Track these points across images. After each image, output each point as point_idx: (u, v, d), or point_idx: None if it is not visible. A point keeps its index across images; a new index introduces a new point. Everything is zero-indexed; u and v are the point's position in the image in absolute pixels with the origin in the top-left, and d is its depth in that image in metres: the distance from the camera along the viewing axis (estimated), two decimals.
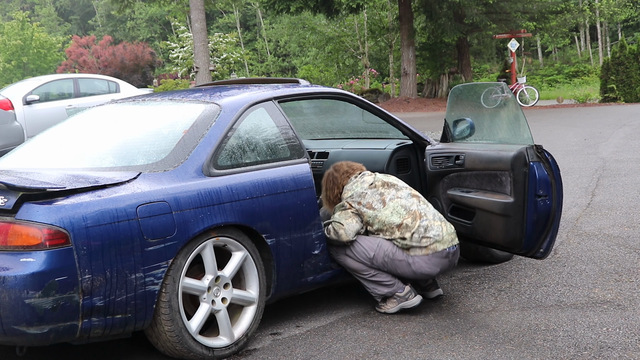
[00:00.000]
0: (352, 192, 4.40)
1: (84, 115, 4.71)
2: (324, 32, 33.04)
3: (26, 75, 41.74)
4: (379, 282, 4.31)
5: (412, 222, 4.25)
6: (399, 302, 4.31)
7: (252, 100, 4.23)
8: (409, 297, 4.30)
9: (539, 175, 4.26)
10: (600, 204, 7.05)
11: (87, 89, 15.24)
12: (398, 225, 4.26)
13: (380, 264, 4.28)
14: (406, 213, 4.29)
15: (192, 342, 3.60)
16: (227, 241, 3.77)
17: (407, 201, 4.34)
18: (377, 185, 4.39)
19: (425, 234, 4.23)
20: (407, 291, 4.31)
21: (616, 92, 21.79)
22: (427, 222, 4.27)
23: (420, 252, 4.23)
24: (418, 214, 4.29)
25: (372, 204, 4.33)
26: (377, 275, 4.31)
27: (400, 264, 4.26)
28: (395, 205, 4.31)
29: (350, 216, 4.32)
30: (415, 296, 4.32)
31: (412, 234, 4.23)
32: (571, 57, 39.14)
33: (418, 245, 4.23)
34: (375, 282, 4.32)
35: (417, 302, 4.30)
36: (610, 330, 3.88)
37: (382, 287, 4.32)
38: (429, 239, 4.22)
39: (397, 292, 4.30)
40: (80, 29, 58.14)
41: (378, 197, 4.34)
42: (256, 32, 51.74)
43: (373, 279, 4.32)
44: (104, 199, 3.36)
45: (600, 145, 11.57)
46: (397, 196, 4.36)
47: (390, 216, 4.28)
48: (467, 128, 4.93)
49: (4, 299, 3.12)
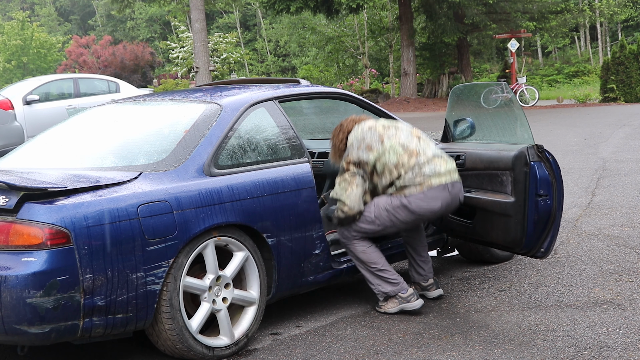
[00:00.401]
0: (353, 139, 4.30)
1: (85, 115, 4.71)
2: (324, 32, 33.05)
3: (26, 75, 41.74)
4: (384, 279, 4.29)
5: (408, 160, 4.19)
6: (400, 302, 4.29)
7: (252, 100, 4.24)
8: (411, 300, 4.28)
9: (540, 175, 4.27)
10: (600, 204, 7.06)
11: (87, 89, 15.25)
12: (395, 164, 4.18)
13: (385, 221, 4.22)
14: (403, 151, 4.21)
15: (193, 341, 3.60)
16: (229, 241, 3.77)
17: (407, 139, 4.27)
18: (378, 127, 4.32)
19: (419, 171, 4.17)
20: (410, 293, 4.29)
21: (616, 92, 21.79)
22: (423, 159, 4.21)
23: (414, 190, 4.17)
24: (415, 152, 4.22)
25: (371, 144, 4.23)
26: (384, 271, 4.28)
27: (400, 210, 4.19)
28: (392, 144, 4.23)
29: (349, 183, 4.23)
30: (417, 299, 4.30)
31: (406, 172, 4.17)
32: (571, 57, 39.14)
33: (412, 184, 4.16)
34: (380, 277, 4.29)
35: (418, 305, 4.29)
36: (610, 330, 3.89)
37: (386, 285, 4.30)
38: (423, 176, 4.16)
39: (400, 293, 4.29)
40: (80, 29, 58.15)
41: (377, 137, 4.25)
42: (256, 32, 51.75)
43: (379, 274, 4.29)
44: (105, 199, 3.37)
45: (600, 145, 11.58)
46: (396, 135, 4.28)
47: (388, 155, 4.19)
48: (467, 128, 4.94)
49: (6, 298, 3.12)
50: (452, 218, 4.73)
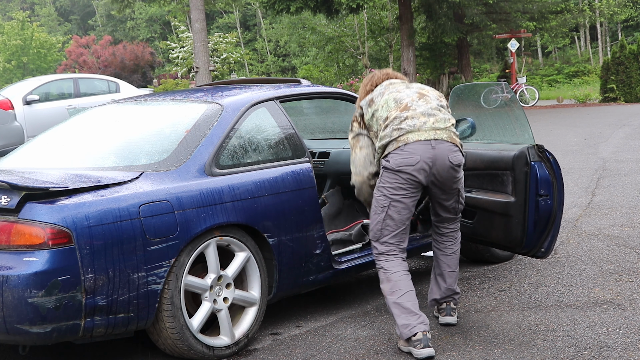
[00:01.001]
0: (372, 95, 4.07)
1: (86, 115, 4.72)
2: (324, 32, 33.04)
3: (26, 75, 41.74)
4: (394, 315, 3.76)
5: (395, 114, 3.85)
6: (408, 345, 3.71)
7: (253, 100, 4.25)
8: (417, 346, 3.65)
9: (540, 175, 4.27)
10: (600, 204, 7.06)
11: (87, 89, 15.26)
12: (384, 119, 3.89)
13: (380, 200, 3.84)
14: (395, 106, 3.89)
15: (193, 340, 3.61)
16: (231, 241, 3.78)
17: (403, 95, 3.94)
18: (395, 83, 4.09)
19: (398, 125, 3.80)
20: (418, 339, 3.65)
21: (616, 92, 21.80)
22: (407, 114, 3.83)
23: (392, 147, 3.80)
24: (405, 107, 3.86)
25: (373, 98, 4.03)
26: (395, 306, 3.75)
27: (384, 177, 3.83)
28: (387, 99, 3.94)
29: (352, 147, 4.08)
30: (423, 347, 3.64)
31: (386, 125, 3.85)
32: (571, 57, 39.13)
33: (390, 140, 3.81)
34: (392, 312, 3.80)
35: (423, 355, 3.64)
36: (610, 330, 3.89)
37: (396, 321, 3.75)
38: (399, 130, 3.79)
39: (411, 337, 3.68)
40: (80, 29, 58.14)
41: (379, 91, 4.05)
42: (256, 32, 51.74)
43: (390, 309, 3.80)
44: (106, 199, 3.37)
45: (600, 145, 11.58)
46: (397, 90, 3.99)
47: (380, 110, 3.93)
48: (468, 128, 4.93)
49: (7, 298, 3.13)
50: None
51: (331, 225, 5.03)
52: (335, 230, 4.91)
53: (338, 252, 4.48)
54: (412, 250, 4.77)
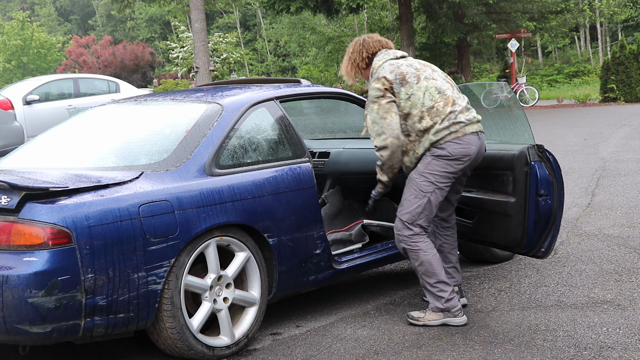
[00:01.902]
0: (384, 60, 4.13)
1: (86, 115, 4.72)
2: (324, 32, 33.05)
3: (26, 75, 41.73)
4: (436, 295, 4.09)
5: (443, 106, 4.02)
6: (445, 316, 4.09)
7: (253, 100, 4.24)
8: (458, 315, 4.09)
9: (540, 175, 4.27)
10: (600, 204, 7.06)
11: (87, 89, 15.26)
12: (429, 108, 4.00)
13: (426, 186, 4.03)
14: (439, 96, 4.04)
15: (193, 340, 3.61)
16: (231, 241, 3.78)
17: (442, 84, 4.11)
18: (413, 62, 4.14)
19: (455, 119, 4.01)
20: (459, 308, 4.10)
21: (616, 92, 21.80)
22: (459, 109, 4.05)
23: (449, 137, 4.00)
24: (451, 101, 4.06)
25: (405, 76, 4.03)
26: (440, 284, 4.08)
27: (435, 164, 4.00)
28: (428, 86, 4.04)
29: (386, 110, 3.99)
30: (463, 315, 4.11)
31: (442, 119, 4.00)
32: (571, 57, 39.13)
33: (448, 133, 4.00)
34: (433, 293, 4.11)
35: (463, 321, 4.09)
36: (610, 330, 3.89)
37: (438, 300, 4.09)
38: (459, 124, 4.02)
39: (452, 309, 4.08)
40: (80, 29, 58.13)
41: (413, 71, 4.07)
42: (256, 32, 51.74)
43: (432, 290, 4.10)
44: (106, 199, 3.37)
45: (600, 145, 11.59)
46: (433, 77, 4.11)
47: (422, 97, 4.01)
48: None
49: (7, 298, 3.13)
50: None
51: (331, 225, 5.03)
52: (335, 230, 4.91)
53: (338, 252, 4.48)
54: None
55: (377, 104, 4.06)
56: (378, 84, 4.08)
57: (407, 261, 5.39)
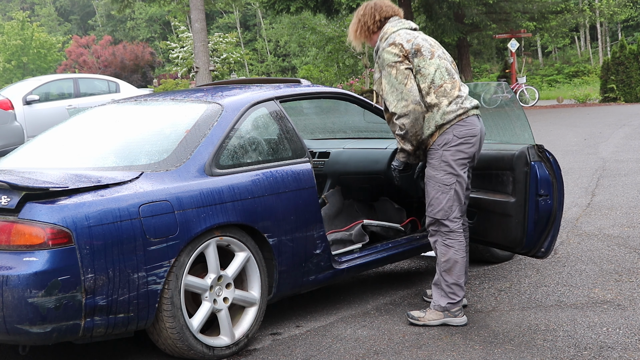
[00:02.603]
0: (399, 27, 4.06)
1: (86, 115, 4.72)
2: (324, 32, 33.03)
3: (26, 75, 41.73)
4: (447, 294, 4.09)
5: (451, 89, 4.01)
6: (445, 316, 4.08)
7: (253, 100, 4.24)
8: (458, 315, 4.10)
9: (540, 175, 4.27)
10: (600, 204, 7.06)
11: (87, 89, 15.26)
12: (438, 86, 3.98)
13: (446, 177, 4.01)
14: (449, 78, 4.03)
15: (193, 340, 3.60)
16: (231, 241, 3.78)
17: (451, 67, 4.11)
18: (428, 38, 4.11)
19: (462, 104, 4.02)
20: (459, 308, 4.11)
21: (616, 92, 21.81)
22: (464, 95, 4.07)
23: (455, 120, 3.99)
24: (458, 85, 4.07)
25: (421, 48, 3.99)
26: (454, 286, 4.08)
27: (446, 149, 3.99)
28: (440, 64, 4.02)
29: (406, 76, 3.92)
30: (463, 315, 4.12)
31: (449, 101, 4.00)
32: (571, 57, 39.15)
33: (454, 116, 3.98)
34: (445, 292, 4.10)
35: (463, 322, 4.10)
36: (610, 330, 3.89)
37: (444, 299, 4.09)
38: (464, 108, 4.01)
39: (453, 308, 4.08)
40: (80, 29, 58.15)
41: (428, 46, 4.04)
42: (256, 32, 51.75)
43: (446, 289, 4.09)
44: (106, 199, 3.37)
45: (600, 145, 11.59)
46: (445, 57, 4.10)
47: (433, 73, 3.98)
48: None
49: (7, 298, 3.13)
50: None
51: (331, 225, 5.03)
52: (335, 230, 4.91)
53: (338, 252, 4.47)
54: (412, 250, 4.77)
55: (395, 68, 3.97)
56: (395, 49, 3.99)
57: (407, 261, 5.40)
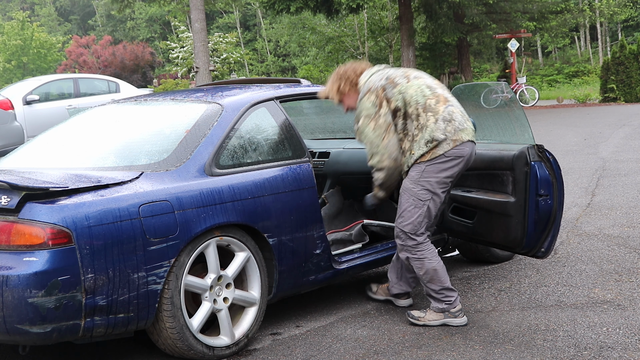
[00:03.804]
0: (369, 74, 4.12)
1: (86, 115, 4.72)
2: (324, 32, 33.04)
3: (26, 75, 41.72)
4: (440, 300, 4.11)
5: (435, 104, 3.99)
6: (445, 317, 4.10)
7: (253, 100, 4.25)
8: (458, 315, 4.11)
9: (540, 175, 4.27)
10: (600, 204, 7.06)
11: (87, 89, 15.25)
12: (423, 105, 3.97)
13: (423, 194, 4.01)
14: (431, 93, 4.02)
15: (193, 340, 3.61)
16: (231, 241, 3.78)
17: (431, 82, 4.11)
18: (400, 69, 4.19)
19: (451, 120, 3.97)
20: (459, 308, 4.12)
21: (616, 92, 21.80)
22: (452, 108, 4.02)
23: (447, 146, 3.97)
24: (443, 98, 4.04)
25: (394, 79, 4.05)
26: (444, 290, 4.10)
27: (430, 167, 3.99)
28: (419, 84, 4.04)
29: (385, 129, 3.96)
30: (463, 315, 4.14)
31: (436, 119, 3.96)
32: (571, 57, 39.14)
33: (445, 137, 3.95)
34: (437, 298, 4.12)
35: (464, 322, 4.11)
36: (610, 330, 3.89)
37: (440, 303, 4.12)
38: (455, 130, 3.97)
39: (451, 309, 4.10)
40: (80, 29, 58.14)
41: (401, 73, 4.10)
42: (256, 32, 51.74)
43: (437, 296, 4.11)
44: (106, 199, 3.37)
45: (600, 145, 11.59)
46: (420, 77, 4.11)
47: (414, 95, 3.99)
48: None
49: (7, 298, 3.13)
50: (453, 218, 4.74)
51: (331, 225, 5.03)
52: (335, 230, 4.91)
53: (338, 252, 4.48)
54: None
55: (373, 120, 4.01)
56: (372, 96, 4.04)
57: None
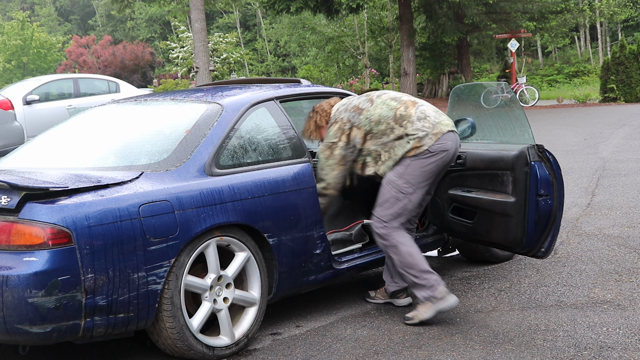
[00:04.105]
0: (336, 108, 4.33)
1: (86, 115, 4.72)
2: (324, 32, 33.03)
3: (26, 75, 41.73)
4: (419, 285, 4.14)
5: (405, 110, 4.12)
6: (434, 304, 4.09)
7: (253, 100, 4.25)
8: (446, 297, 4.08)
9: (540, 175, 4.27)
10: (600, 204, 7.06)
11: (87, 89, 15.25)
12: (393, 118, 4.11)
13: (404, 187, 4.10)
14: (397, 103, 4.17)
15: (193, 340, 3.61)
16: (231, 241, 3.78)
17: (396, 94, 4.27)
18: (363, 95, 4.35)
19: (425, 118, 4.09)
20: (445, 290, 4.10)
21: (616, 92, 21.80)
22: (424, 108, 4.16)
23: (429, 141, 4.06)
24: (411, 102, 4.18)
25: (359, 105, 4.22)
26: (423, 273, 4.12)
27: (414, 163, 4.08)
28: (384, 100, 4.20)
29: (337, 162, 4.19)
30: (451, 295, 4.12)
31: (412, 121, 4.08)
32: (571, 57, 39.13)
33: (425, 133, 4.05)
34: (417, 283, 4.15)
35: (454, 301, 4.09)
36: (610, 330, 3.89)
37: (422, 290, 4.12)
38: (431, 124, 4.08)
39: (434, 294, 4.09)
40: (80, 29, 58.14)
41: (364, 99, 4.27)
42: (256, 32, 51.74)
43: (416, 281, 4.14)
44: (106, 199, 3.37)
45: (600, 145, 11.58)
46: (385, 93, 4.30)
47: (381, 112, 4.14)
48: (468, 128, 4.94)
49: (7, 298, 3.13)
50: (453, 218, 4.74)
51: (331, 225, 5.03)
52: (335, 230, 4.91)
53: (338, 252, 4.48)
54: None
55: (330, 150, 4.23)
56: (335, 126, 4.26)
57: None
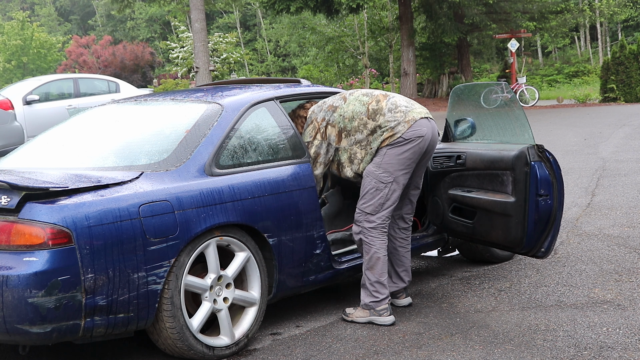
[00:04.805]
0: (313, 109, 4.41)
1: (86, 115, 4.72)
2: (324, 32, 33.03)
3: (26, 75, 41.73)
4: (371, 292, 4.15)
5: (377, 104, 4.18)
6: (371, 314, 4.15)
7: (253, 100, 4.25)
8: (383, 314, 4.14)
9: (540, 175, 4.27)
10: (600, 204, 7.06)
11: (87, 89, 15.25)
12: (366, 113, 4.17)
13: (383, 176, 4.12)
14: (369, 98, 4.23)
15: (193, 340, 3.61)
16: (231, 241, 3.78)
17: (368, 90, 4.32)
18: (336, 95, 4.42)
19: (396, 108, 4.14)
20: (384, 307, 4.15)
21: (616, 92, 21.80)
22: (394, 99, 4.21)
23: (402, 127, 4.11)
24: (382, 95, 4.24)
25: (333, 103, 4.30)
26: (378, 284, 4.15)
27: (391, 152, 4.12)
28: (356, 96, 4.27)
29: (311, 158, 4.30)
30: (389, 315, 4.16)
31: (383, 115, 4.14)
32: (571, 57, 39.13)
33: (397, 122, 4.11)
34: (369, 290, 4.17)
35: (389, 321, 4.13)
36: (610, 330, 3.89)
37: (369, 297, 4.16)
38: (403, 112, 4.14)
39: (376, 307, 4.14)
40: (80, 29, 58.14)
41: (337, 97, 4.35)
42: (256, 32, 51.75)
43: (370, 287, 4.16)
44: (106, 199, 3.37)
45: (600, 145, 11.58)
46: (357, 91, 4.35)
47: (354, 109, 4.20)
48: (468, 128, 4.95)
49: (7, 298, 3.13)
50: (453, 218, 4.74)
51: (331, 225, 5.03)
52: (335, 230, 4.91)
53: (338, 252, 4.48)
54: (411, 250, 4.77)
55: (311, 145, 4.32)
56: (310, 126, 4.36)
57: None
